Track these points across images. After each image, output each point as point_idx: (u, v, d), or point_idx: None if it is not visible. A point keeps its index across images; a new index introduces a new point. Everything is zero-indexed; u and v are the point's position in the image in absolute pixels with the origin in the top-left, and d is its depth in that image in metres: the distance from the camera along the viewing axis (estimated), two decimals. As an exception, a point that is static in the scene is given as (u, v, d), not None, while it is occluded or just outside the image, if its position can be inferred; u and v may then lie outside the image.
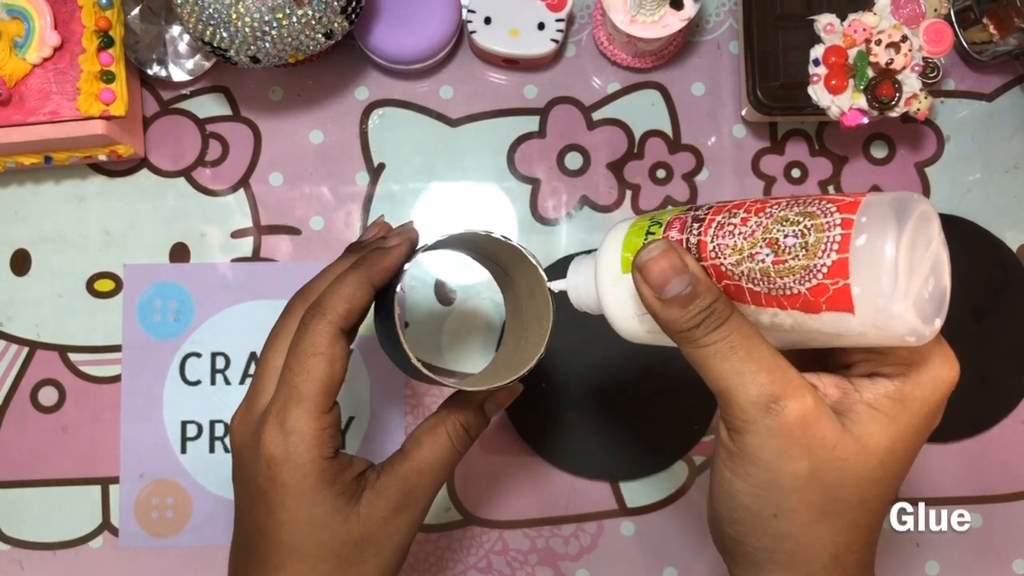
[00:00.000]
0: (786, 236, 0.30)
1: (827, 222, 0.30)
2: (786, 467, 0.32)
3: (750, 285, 0.31)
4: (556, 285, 0.38)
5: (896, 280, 0.28)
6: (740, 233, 0.32)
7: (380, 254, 0.38)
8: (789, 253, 0.30)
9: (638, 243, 0.34)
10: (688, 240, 0.33)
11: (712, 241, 0.32)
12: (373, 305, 0.40)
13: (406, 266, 0.39)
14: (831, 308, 0.29)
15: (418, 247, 0.40)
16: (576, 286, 0.37)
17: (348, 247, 0.42)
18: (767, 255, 0.31)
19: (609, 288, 0.35)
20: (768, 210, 0.32)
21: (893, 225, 0.28)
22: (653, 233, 0.35)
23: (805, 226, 0.30)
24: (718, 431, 0.34)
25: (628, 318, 0.35)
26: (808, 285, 0.30)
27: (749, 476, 0.33)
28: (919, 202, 0.30)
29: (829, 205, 0.30)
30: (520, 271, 0.42)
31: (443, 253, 0.46)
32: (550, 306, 0.39)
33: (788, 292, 0.30)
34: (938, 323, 0.30)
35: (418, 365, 0.37)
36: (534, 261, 0.39)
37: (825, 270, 0.29)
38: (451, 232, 0.38)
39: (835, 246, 0.29)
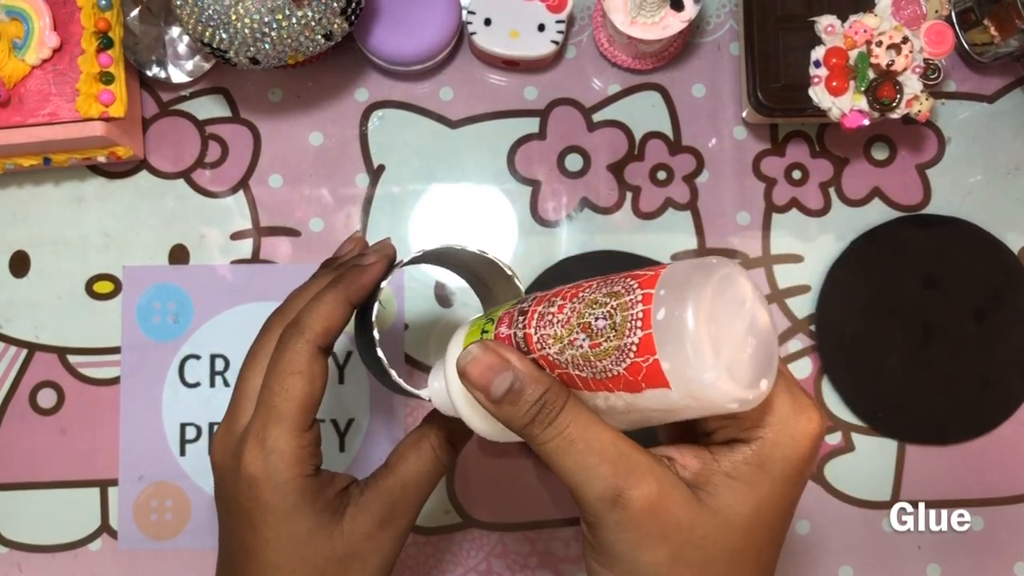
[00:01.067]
0: (596, 319, 0.30)
1: (630, 299, 0.29)
2: (644, 557, 0.31)
3: (577, 372, 0.31)
4: (423, 393, 0.37)
5: (702, 349, 0.27)
6: (558, 321, 0.32)
7: (357, 272, 0.38)
8: (601, 336, 0.30)
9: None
10: (516, 335, 0.33)
11: (536, 333, 0.32)
12: (355, 321, 0.40)
13: (383, 283, 0.39)
14: (649, 385, 0.29)
15: (395, 263, 0.39)
16: (435, 392, 0.36)
17: (323, 263, 0.42)
18: (583, 340, 0.30)
19: (458, 390, 0.34)
20: (581, 295, 0.32)
21: (691, 293, 0.28)
22: (487, 332, 0.34)
23: (612, 307, 0.30)
24: (581, 523, 0.33)
25: (480, 418, 0.35)
26: (624, 365, 0.29)
27: (613, 568, 0.32)
28: (719, 266, 0.29)
29: (632, 282, 0.30)
30: (498, 283, 0.41)
31: None
32: None
33: (609, 374, 0.30)
34: (765, 384, 0.29)
35: (399, 382, 0.37)
36: (510, 272, 0.39)
37: (635, 348, 0.29)
38: (426, 247, 0.38)
39: (639, 323, 0.29)
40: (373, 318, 0.37)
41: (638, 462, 0.31)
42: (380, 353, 0.37)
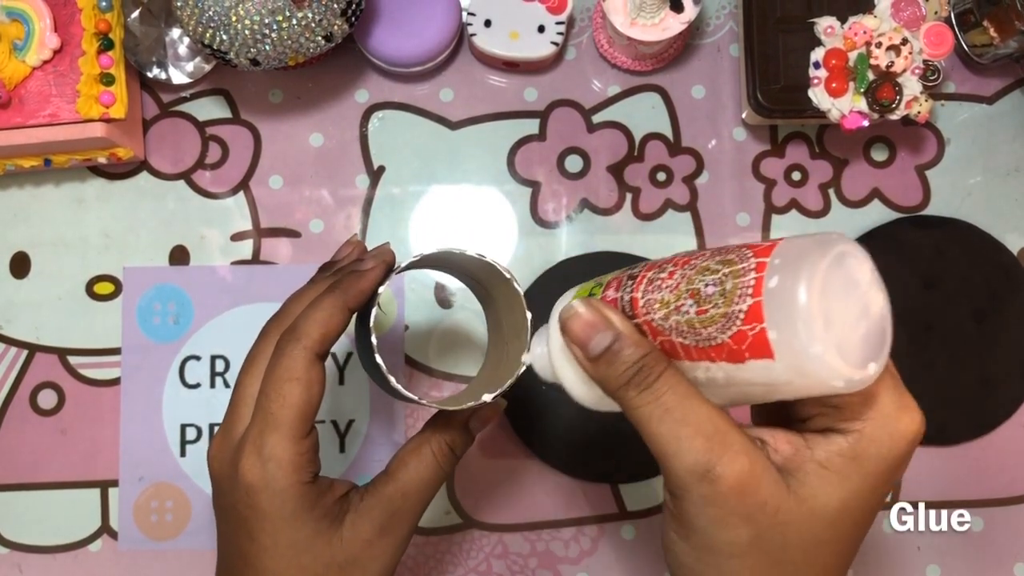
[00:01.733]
0: (706, 285, 0.30)
1: (743, 267, 0.29)
2: (724, 535, 0.31)
3: (680, 339, 0.31)
4: (525, 359, 0.37)
5: (811, 321, 0.27)
6: (667, 287, 0.31)
7: (355, 277, 0.38)
8: (709, 302, 0.30)
9: None
10: (623, 298, 0.33)
11: (643, 297, 0.32)
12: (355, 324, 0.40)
13: (381, 289, 0.38)
14: (753, 355, 0.29)
15: (394, 268, 0.39)
16: (537, 356, 0.36)
17: (321, 267, 0.42)
18: (690, 306, 0.30)
19: (559, 355, 0.35)
20: (693, 262, 0.31)
21: (806, 265, 0.27)
22: (594, 294, 0.34)
23: (723, 274, 0.30)
24: (663, 491, 0.33)
25: (579, 383, 0.35)
26: (729, 333, 0.29)
27: (689, 539, 0.32)
28: (838, 241, 0.29)
29: (747, 251, 0.30)
30: (497, 287, 0.41)
31: None
32: (527, 321, 0.39)
33: (713, 343, 0.30)
34: (873, 368, 0.29)
35: (398, 387, 0.37)
36: (508, 276, 0.39)
37: (742, 316, 0.28)
38: (425, 252, 0.38)
39: (749, 291, 0.28)
40: (371, 324, 0.37)
41: (733, 439, 0.31)
42: (379, 359, 0.37)
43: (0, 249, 0.57)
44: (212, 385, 0.56)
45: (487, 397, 0.38)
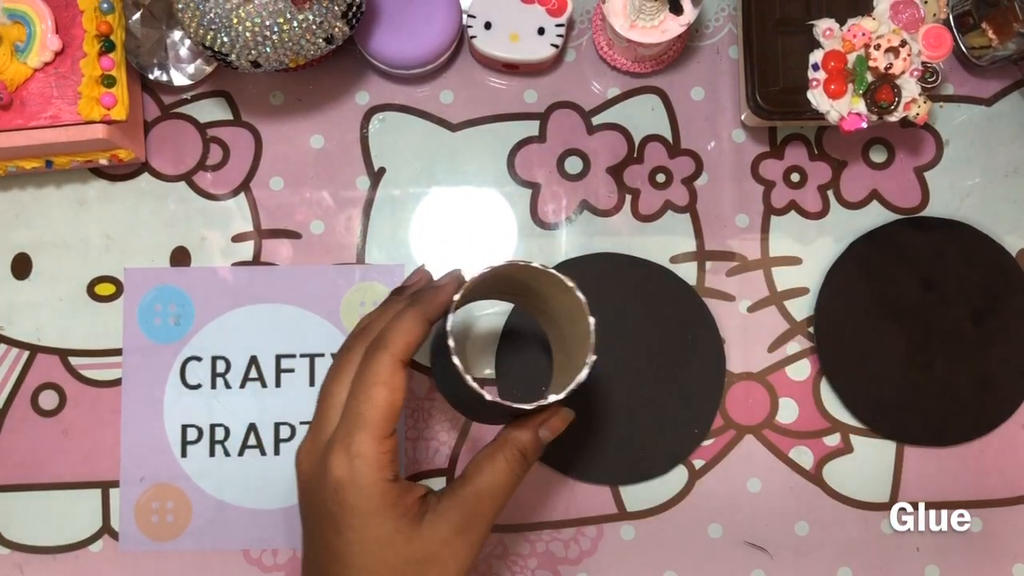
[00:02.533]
0: None
1: None
2: None
3: None
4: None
5: None
6: None
7: (434, 292, 0.42)
8: None
9: None
10: None
11: None
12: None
13: (455, 296, 0.41)
14: None
15: (462, 284, 0.42)
16: None
17: (392, 292, 0.47)
18: None
19: None
20: None
21: None
22: None
23: None
24: None
25: None
26: None
27: None
28: None
29: None
30: (558, 299, 0.44)
31: None
32: (591, 327, 0.41)
33: None
34: None
35: (481, 392, 0.39)
36: (570, 283, 0.41)
37: None
38: (492, 264, 0.41)
39: None
40: (448, 328, 0.40)
41: None
42: (456, 360, 0.39)
43: (1, 250, 0.57)
44: (213, 386, 0.56)
45: (552, 397, 0.41)
